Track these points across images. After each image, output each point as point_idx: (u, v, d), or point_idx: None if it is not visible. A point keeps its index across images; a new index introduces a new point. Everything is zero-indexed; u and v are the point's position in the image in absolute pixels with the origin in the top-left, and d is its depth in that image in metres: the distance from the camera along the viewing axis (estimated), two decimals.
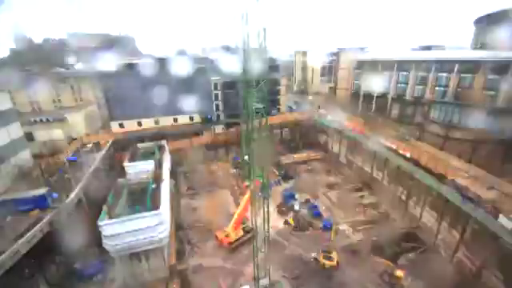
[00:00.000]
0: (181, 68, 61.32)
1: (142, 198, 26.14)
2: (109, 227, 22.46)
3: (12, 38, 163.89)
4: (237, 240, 30.75)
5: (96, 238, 30.72)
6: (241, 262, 28.72)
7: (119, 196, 27.15)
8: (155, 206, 24.81)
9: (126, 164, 34.31)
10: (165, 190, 28.74)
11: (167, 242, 26.06)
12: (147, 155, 37.75)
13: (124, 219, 22.84)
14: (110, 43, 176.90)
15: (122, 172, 35.12)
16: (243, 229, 31.90)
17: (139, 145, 40.52)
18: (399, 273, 25.53)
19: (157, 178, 30.11)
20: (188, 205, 40.03)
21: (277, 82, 66.96)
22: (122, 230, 22.56)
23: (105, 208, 24.27)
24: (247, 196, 29.40)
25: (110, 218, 22.94)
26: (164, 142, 41.77)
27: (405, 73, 60.77)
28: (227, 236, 30.51)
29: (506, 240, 21.23)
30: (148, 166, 33.31)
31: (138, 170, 32.77)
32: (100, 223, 22.34)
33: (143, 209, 24.58)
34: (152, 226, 23.32)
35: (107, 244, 22.79)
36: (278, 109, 69.16)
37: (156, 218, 23.62)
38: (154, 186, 28.28)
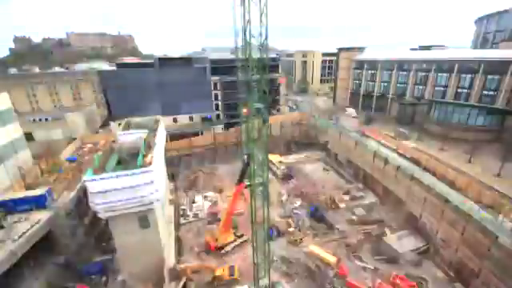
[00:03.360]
0: (181, 68, 61.38)
1: (133, 162, 23.96)
2: (95, 183, 20.27)
3: (11, 38, 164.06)
4: (226, 245, 29.84)
5: (96, 237, 30.89)
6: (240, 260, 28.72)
7: (107, 159, 25.26)
8: (147, 165, 22.73)
9: (118, 132, 32.96)
10: (158, 154, 26.74)
11: (160, 206, 24.40)
12: (141, 127, 36.50)
13: (112, 175, 20.88)
14: (110, 42, 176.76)
15: None
16: (234, 233, 31.18)
17: (134, 119, 39.91)
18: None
19: (149, 144, 28.30)
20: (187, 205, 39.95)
21: (276, 81, 66.99)
22: (110, 187, 20.56)
23: (92, 165, 22.54)
24: (233, 194, 28.07)
25: (97, 173, 21.09)
26: (159, 117, 41.08)
27: (405, 72, 60.84)
28: (216, 240, 29.68)
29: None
30: (141, 134, 31.47)
31: (130, 138, 30.98)
32: (85, 178, 20.32)
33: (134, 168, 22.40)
34: (142, 185, 21.33)
35: (93, 203, 20.93)
36: (278, 109, 69.20)
37: (147, 175, 21.43)
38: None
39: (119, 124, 54.98)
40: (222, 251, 29.63)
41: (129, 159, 25.45)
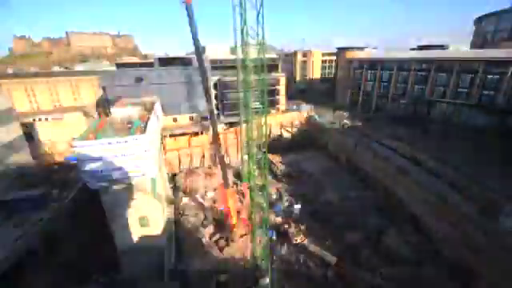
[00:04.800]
0: (181, 67, 61.29)
1: (127, 132, 23.18)
2: (85, 149, 19.41)
3: (11, 38, 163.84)
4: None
5: (96, 236, 30.87)
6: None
7: (99, 131, 24.03)
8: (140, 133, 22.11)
9: (112, 109, 32.39)
10: (152, 127, 26.34)
11: (153, 177, 23.85)
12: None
13: (103, 141, 19.83)
14: (110, 42, 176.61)
15: None
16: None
17: (129, 100, 39.63)
18: None
19: (144, 118, 27.86)
20: (187, 206, 39.97)
21: (276, 81, 66.90)
22: (101, 155, 19.81)
23: (82, 133, 22.11)
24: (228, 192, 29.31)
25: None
26: (156, 99, 40.59)
27: (405, 72, 60.76)
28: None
29: None
30: (136, 111, 31.06)
31: (125, 114, 30.36)
32: (75, 143, 19.45)
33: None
34: (135, 154, 20.68)
35: (83, 171, 20.17)
36: (278, 108, 69.07)
37: (140, 143, 20.81)
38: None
39: None
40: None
41: (123, 132, 24.69)
